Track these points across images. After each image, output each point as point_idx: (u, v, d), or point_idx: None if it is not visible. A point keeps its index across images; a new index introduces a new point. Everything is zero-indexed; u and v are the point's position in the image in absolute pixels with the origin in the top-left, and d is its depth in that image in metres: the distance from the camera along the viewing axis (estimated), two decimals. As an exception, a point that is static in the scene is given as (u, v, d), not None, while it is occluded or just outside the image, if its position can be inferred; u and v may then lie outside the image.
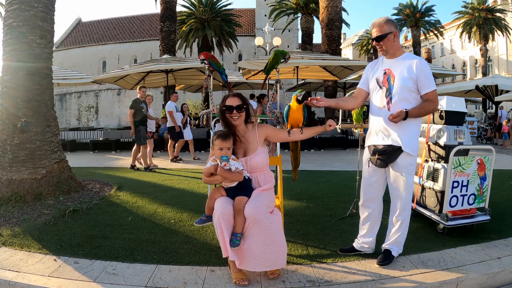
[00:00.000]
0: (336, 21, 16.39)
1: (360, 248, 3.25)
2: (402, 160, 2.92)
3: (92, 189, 5.73)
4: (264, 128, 2.80)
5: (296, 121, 2.96)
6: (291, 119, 2.97)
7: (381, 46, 2.91)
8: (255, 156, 2.66)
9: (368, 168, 3.12)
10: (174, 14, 17.12)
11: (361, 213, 3.30)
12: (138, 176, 7.07)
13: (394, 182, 3.00)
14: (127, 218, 4.26)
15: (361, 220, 3.30)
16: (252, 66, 10.98)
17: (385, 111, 2.91)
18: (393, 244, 3.11)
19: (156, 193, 5.47)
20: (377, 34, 2.88)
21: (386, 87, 2.92)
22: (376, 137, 3.01)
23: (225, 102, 2.71)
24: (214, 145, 2.57)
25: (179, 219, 4.17)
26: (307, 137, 2.87)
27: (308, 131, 2.89)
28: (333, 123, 2.74)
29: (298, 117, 2.94)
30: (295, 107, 2.92)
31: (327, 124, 2.76)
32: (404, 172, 2.93)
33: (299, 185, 5.97)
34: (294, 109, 2.94)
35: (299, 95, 2.86)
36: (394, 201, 3.09)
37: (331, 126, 2.74)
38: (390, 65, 2.96)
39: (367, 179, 3.15)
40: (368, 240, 3.23)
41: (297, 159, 3.38)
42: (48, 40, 5.74)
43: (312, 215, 4.29)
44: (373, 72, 3.08)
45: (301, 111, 2.92)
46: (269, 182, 2.70)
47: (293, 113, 2.94)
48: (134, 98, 8.22)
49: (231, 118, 2.66)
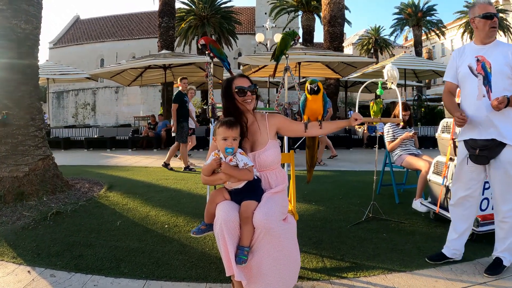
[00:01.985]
0: (338, 18, 16.00)
1: (452, 255, 2.87)
2: (507, 155, 2.58)
3: (80, 188, 5.26)
4: (275, 118, 2.34)
5: (315, 113, 2.52)
6: (308, 110, 2.54)
7: (496, 24, 2.68)
8: (265, 151, 2.20)
9: (465, 165, 2.76)
10: (173, 9, 16.70)
11: (453, 215, 2.92)
12: (131, 175, 6.60)
13: (498, 179, 2.65)
14: (116, 222, 3.79)
15: (453, 223, 2.92)
16: (253, 61, 10.54)
17: (485, 100, 2.61)
18: (504, 251, 2.71)
19: (149, 194, 4.99)
20: (493, 11, 2.65)
21: (483, 75, 2.65)
22: (474, 131, 2.69)
23: (233, 84, 2.24)
24: (216, 135, 2.11)
25: (173, 224, 3.70)
26: (327, 132, 2.44)
27: (328, 126, 2.42)
28: (359, 117, 2.29)
29: (317, 108, 2.51)
30: (311, 97, 2.51)
31: (352, 118, 2.31)
32: (509, 168, 2.59)
33: (306, 185, 5.50)
34: (310, 99, 2.51)
35: (310, 85, 2.47)
36: (498, 201, 2.71)
37: (356, 120, 2.29)
38: (482, 51, 2.71)
39: (463, 177, 2.79)
40: (459, 244, 2.87)
41: (314, 158, 2.91)
42: (34, 26, 5.27)
43: (324, 220, 3.83)
44: (461, 60, 2.80)
45: (321, 101, 2.49)
46: (281, 182, 2.24)
47: (310, 103, 2.50)
48: (177, 91, 7.45)
49: (244, 103, 2.21)
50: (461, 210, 2.82)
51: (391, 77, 3.40)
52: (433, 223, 3.82)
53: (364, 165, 7.99)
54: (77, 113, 37.02)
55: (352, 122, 2.30)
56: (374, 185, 4.07)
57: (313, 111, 2.53)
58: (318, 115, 2.56)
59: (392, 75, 3.40)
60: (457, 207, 2.85)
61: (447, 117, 3.85)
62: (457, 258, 2.88)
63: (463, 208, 2.81)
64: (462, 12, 34.13)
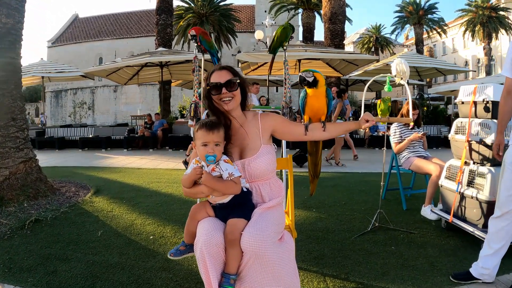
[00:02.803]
0: (339, 14, 15.66)
1: (479, 276, 2.51)
2: None
3: (65, 193, 4.93)
4: (270, 118, 1.96)
5: (317, 112, 2.14)
6: (309, 109, 2.15)
7: None
8: (256, 159, 1.83)
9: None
10: (170, 6, 16.38)
11: (492, 228, 2.50)
12: (122, 178, 6.26)
13: None
14: (97, 232, 3.45)
15: (489, 237, 2.52)
16: (252, 59, 10.17)
17: None
18: None
19: (137, 199, 4.65)
20: None
21: None
22: None
23: (209, 79, 1.87)
24: (195, 139, 1.77)
25: (160, 235, 3.36)
26: (332, 136, 2.03)
27: (334, 128, 2.02)
28: (370, 118, 1.94)
29: (319, 106, 2.11)
30: (312, 93, 2.12)
31: (362, 119, 1.95)
32: None
33: (305, 190, 5.16)
34: (311, 95, 2.12)
35: (302, 74, 2.09)
36: None
37: (368, 122, 1.93)
38: None
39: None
40: (492, 263, 2.47)
41: (318, 167, 2.46)
42: (16, 20, 4.95)
43: (325, 230, 3.49)
44: None
45: (324, 97, 2.10)
46: (276, 195, 1.89)
47: (311, 100, 2.12)
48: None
49: (220, 102, 1.84)
50: (505, 224, 2.42)
51: (400, 72, 3.05)
52: (445, 233, 3.49)
53: (366, 166, 7.66)
54: (75, 112, 36.78)
55: (362, 124, 1.94)
56: (381, 191, 3.73)
57: (315, 110, 2.15)
58: (321, 115, 2.16)
59: (401, 69, 3.06)
60: (502, 221, 2.44)
61: (461, 116, 3.52)
62: (486, 280, 2.50)
63: (508, 221, 2.41)
64: (464, 10, 33.78)
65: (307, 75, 2.09)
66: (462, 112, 3.50)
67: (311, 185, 2.55)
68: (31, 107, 38.65)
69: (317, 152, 2.39)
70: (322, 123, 2.04)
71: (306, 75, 2.09)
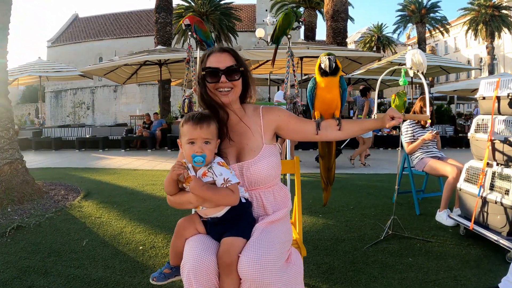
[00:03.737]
0: (341, 12, 15.36)
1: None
2: None
3: (53, 196, 4.62)
4: (273, 113, 1.63)
5: (329, 106, 1.76)
6: (319, 102, 1.77)
7: None
8: (257, 162, 1.51)
9: None
10: (170, 5, 16.11)
11: None
12: (115, 179, 5.94)
13: None
14: (82, 241, 3.14)
15: None
16: (253, 56, 9.86)
17: None
18: None
19: (130, 203, 4.33)
20: None
21: None
22: None
23: (205, 62, 1.53)
24: (181, 135, 1.46)
25: (150, 245, 3.03)
26: (349, 136, 1.69)
27: (350, 126, 1.66)
28: (397, 114, 1.58)
29: (332, 98, 1.74)
30: (323, 83, 1.74)
31: (387, 115, 1.60)
32: None
33: (310, 192, 4.85)
34: (323, 86, 1.74)
35: (324, 60, 1.68)
36: None
37: (394, 120, 1.58)
38: None
39: None
40: None
41: (331, 172, 2.04)
42: (3, 12, 4.66)
43: (334, 239, 3.16)
44: None
45: (337, 88, 1.73)
46: (282, 206, 1.57)
47: (322, 92, 1.74)
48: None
49: (216, 92, 1.51)
50: None
51: (416, 63, 2.73)
52: (465, 241, 3.17)
53: (373, 166, 7.33)
54: (75, 112, 36.60)
55: (387, 122, 1.59)
56: (395, 195, 3.40)
57: (327, 103, 1.75)
58: (335, 109, 1.76)
59: (417, 60, 2.74)
60: None
61: (482, 113, 3.20)
62: None
63: None
64: (466, 9, 33.45)
65: (330, 59, 1.68)
66: (483, 109, 3.19)
67: (324, 193, 2.12)
68: (32, 107, 38.43)
69: (330, 155, 1.99)
70: (336, 120, 1.68)
71: (332, 59, 1.68)
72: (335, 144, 1.95)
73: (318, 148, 2.01)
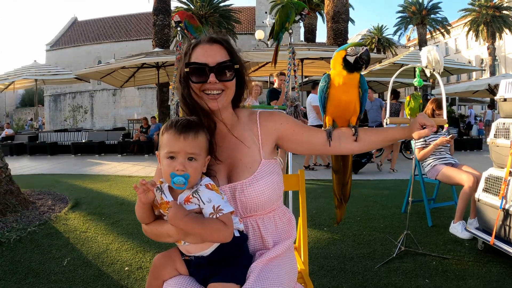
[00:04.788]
0: (342, 13, 15.11)
1: None
2: None
3: (39, 207, 4.33)
4: (274, 120, 1.31)
5: (345, 110, 1.42)
6: (333, 105, 1.43)
7: None
8: (254, 182, 1.19)
9: None
10: (168, 7, 15.88)
11: None
12: (107, 188, 5.64)
13: None
14: (63, 259, 2.84)
15: None
16: (253, 58, 9.58)
17: None
18: None
19: (119, 215, 4.03)
20: None
21: None
22: None
23: (189, 55, 1.21)
24: (160, 146, 1.14)
25: (137, 265, 2.73)
26: (366, 149, 1.36)
27: (370, 136, 1.34)
28: (429, 122, 1.26)
29: (350, 101, 1.41)
30: (341, 79, 1.38)
31: (416, 122, 1.27)
32: None
33: (313, 202, 4.55)
34: (339, 85, 1.39)
35: (358, 50, 1.33)
36: None
37: (426, 129, 1.26)
38: None
39: None
40: None
41: (347, 188, 1.64)
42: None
43: (341, 257, 2.86)
44: None
45: (356, 88, 1.40)
46: (285, 235, 1.25)
47: (338, 92, 1.40)
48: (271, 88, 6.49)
49: (203, 95, 1.19)
50: None
51: (432, 61, 2.44)
52: (484, 257, 2.88)
53: (380, 172, 7.02)
54: (74, 116, 36.41)
55: (415, 131, 1.27)
56: (409, 207, 3.09)
57: (343, 107, 1.42)
58: (352, 115, 1.43)
59: (433, 58, 2.45)
60: None
61: (503, 116, 2.91)
62: None
63: None
64: (467, 10, 33.25)
65: (362, 52, 1.32)
66: (505, 111, 2.91)
67: (337, 211, 1.76)
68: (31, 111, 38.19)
69: (346, 169, 1.61)
70: (352, 128, 1.35)
71: (362, 52, 1.32)
72: (351, 156, 1.61)
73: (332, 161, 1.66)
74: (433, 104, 3.68)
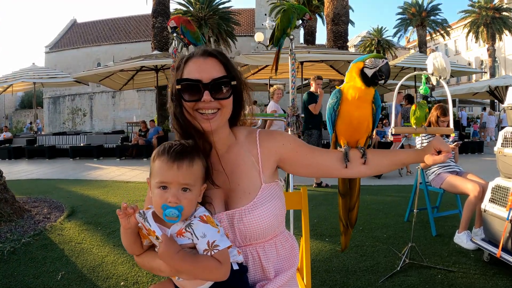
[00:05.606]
0: (342, 16, 15.07)
1: None
2: None
3: (35, 216, 4.24)
4: (275, 140, 1.20)
5: (357, 129, 1.32)
6: (345, 124, 1.32)
7: None
8: (254, 209, 1.09)
9: None
10: (167, 9, 15.85)
11: None
12: (105, 194, 5.55)
13: None
14: (58, 273, 2.75)
15: None
16: (252, 61, 9.53)
17: None
18: None
19: (115, 225, 3.93)
20: None
21: None
22: None
23: (182, 70, 1.10)
24: (151, 173, 1.04)
25: (133, 280, 2.64)
26: (376, 172, 1.25)
27: (379, 159, 1.23)
28: (445, 148, 1.14)
29: (364, 117, 1.30)
30: (356, 94, 1.27)
31: (430, 147, 1.17)
32: None
33: (314, 210, 4.46)
34: (353, 100, 1.28)
35: (379, 63, 1.23)
36: None
37: (442, 155, 1.15)
38: None
39: None
40: None
41: (353, 213, 1.51)
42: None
43: (344, 271, 2.77)
44: None
45: (370, 104, 1.29)
46: (287, 264, 1.18)
47: (351, 108, 1.29)
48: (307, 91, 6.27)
49: (196, 115, 1.09)
50: None
51: (439, 68, 2.36)
52: (490, 269, 2.80)
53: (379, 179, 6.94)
54: (73, 118, 36.36)
55: (428, 154, 1.16)
56: (414, 219, 3.00)
57: (356, 126, 1.31)
58: (363, 135, 1.33)
59: (440, 65, 2.37)
60: None
61: (510, 124, 2.83)
62: None
63: None
64: (467, 12, 33.25)
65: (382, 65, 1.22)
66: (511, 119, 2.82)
67: (343, 237, 1.62)
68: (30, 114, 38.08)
69: (353, 192, 1.49)
70: (360, 150, 1.24)
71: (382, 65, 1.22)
72: (359, 179, 1.48)
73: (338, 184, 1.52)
74: (438, 111, 3.58)
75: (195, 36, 2.42)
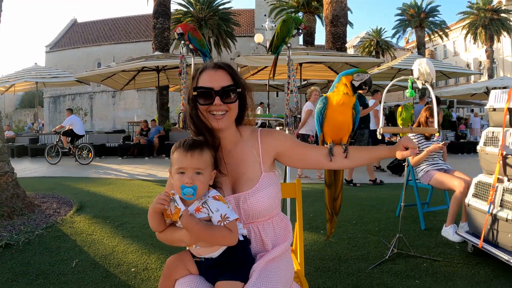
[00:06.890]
0: (341, 17, 15.26)
1: None
2: None
3: (45, 210, 4.46)
4: (274, 138, 1.47)
5: (340, 129, 1.60)
6: (330, 125, 1.61)
7: None
8: (256, 192, 1.35)
9: None
10: (168, 10, 16.01)
11: None
12: (110, 191, 5.77)
13: None
14: (72, 261, 2.97)
15: None
16: (252, 62, 9.74)
17: None
18: None
19: (123, 218, 4.16)
20: None
21: None
22: None
23: (197, 80, 1.37)
24: (171, 164, 1.31)
25: (143, 266, 2.87)
26: (355, 165, 1.56)
27: (357, 155, 1.52)
28: (412, 145, 1.45)
29: (345, 121, 1.59)
30: (340, 101, 1.55)
31: (400, 145, 1.47)
32: None
33: (310, 205, 4.69)
34: (337, 105, 1.57)
35: (363, 77, 1.54)
36: None
37: (408, 150, 1.45)
38: None
39: None
40: None
41: (337, 202, 1.84)
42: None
43: (336, 259, 3.00)
44: None
45: (351, 110, 1.58)
46: (283, 239, 1.42)
47: (335, 113, 1.58)
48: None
49: (208, 115, 1.35)
50: None
51: (424, 73, 2.59)
52: (473, 259, 3.02)
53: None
54: (74, 118, 36.40)
55: (399, 152, 1.45)
56: (401, 212, 3.23)
57: (338, 127, 1.59)
58: (345, 134, 1.61)
59: (424, 70, 2.60)
60: None
61: (492, 125, 3.06)
62: None
63: None
64: (465, 13, 33.48)
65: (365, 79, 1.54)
66: (494, 121, 3.05)
67: (328, 224, 1.93)
68: (30, 113, 38.27)
69: (338, 184, 1.78)
70: (343, 146, 1.53)
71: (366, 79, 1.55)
72: (342, 172, 1.78)
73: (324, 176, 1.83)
74: (427, 112, 3.82)
75: (201, 43, 2.64)
